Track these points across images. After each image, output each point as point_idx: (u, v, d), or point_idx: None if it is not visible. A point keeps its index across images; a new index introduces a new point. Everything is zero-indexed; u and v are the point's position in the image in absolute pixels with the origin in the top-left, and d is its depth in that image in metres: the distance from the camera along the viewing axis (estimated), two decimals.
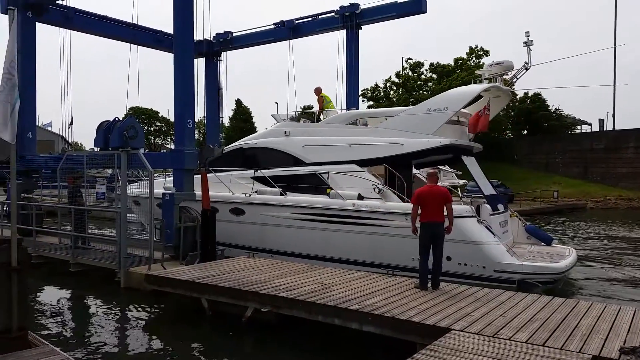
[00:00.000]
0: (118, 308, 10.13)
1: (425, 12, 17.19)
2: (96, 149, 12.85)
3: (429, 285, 8.67)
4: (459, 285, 9.03)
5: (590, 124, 58.69)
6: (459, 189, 15.34)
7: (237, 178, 14.05)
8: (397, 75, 59.39)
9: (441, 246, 8.81)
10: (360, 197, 12.25)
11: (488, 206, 11.72)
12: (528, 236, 13.14)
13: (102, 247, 12.41)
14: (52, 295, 11.14)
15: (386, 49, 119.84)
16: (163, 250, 11.51)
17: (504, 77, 13.21)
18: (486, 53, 56.14)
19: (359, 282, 9.13)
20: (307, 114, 16.15)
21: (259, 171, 13.69)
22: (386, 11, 17.90)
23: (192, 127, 12.85)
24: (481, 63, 55.88)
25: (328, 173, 12.83)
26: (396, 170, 12.51)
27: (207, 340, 8.20)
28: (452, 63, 54.70)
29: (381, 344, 7.33)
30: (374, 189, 12.13)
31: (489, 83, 13.09)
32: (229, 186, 13.78)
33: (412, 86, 56.69)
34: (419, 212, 8.76)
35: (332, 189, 12.61)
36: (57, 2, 16.61)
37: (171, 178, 13.32)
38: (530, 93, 55.58)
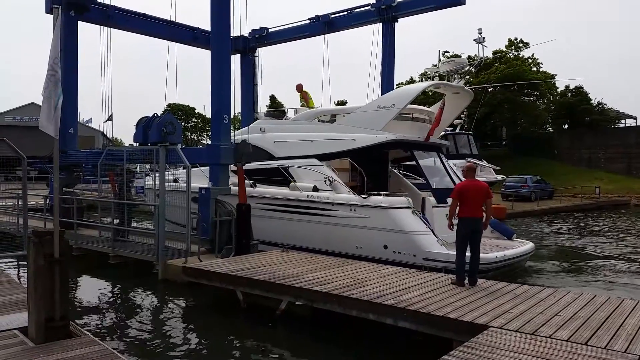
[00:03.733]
0: (155, 299, 10.36)
1: (464, 3, 16.78)
2: (135, 145, 13.12)
3: (466, 281, 8.51)
4: (497, 282, 8.86)
5: (635, 118, 56.54)
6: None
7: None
8: None
9: (479, 242, 8.65)
10: (315, 189, 13.01)
11: (432, 198, 12.60)
12: (492, 230, 13.26)
13: (139, 239, 12.69)
14: (91, 287, 11.46)
15: (422, 41, 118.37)
16: (199, 244, 11.68)
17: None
18: (526, 45, 54.67)
19: (394, 277, 9.05)
20: (278, 111, 17.50)
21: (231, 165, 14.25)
22: (424, 3, 17.53)
23: (228, 123, 12.99)
24: (521, 55, 54.57)
25: (288, 167, 13.74)
26: (366, 164, 13.13)
27: (242, 333, 8.28)
28: (491, 56, 53.52)
29: (416, 340, 7.24)
30: (325, 181, 12.91)
31: (439, 80, 14.00)
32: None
33: (449, 80, 55.77)
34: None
35: (294, 181, 13.46)
36: (98, 0, 16.99)
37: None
38: (572, 86, 53.97)
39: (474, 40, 13.70)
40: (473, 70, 14.09)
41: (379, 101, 13.69)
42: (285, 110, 16.74)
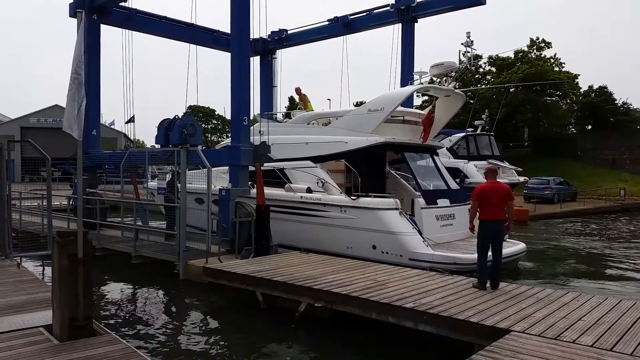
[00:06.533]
0: (177, 299, 10.45)
1: (485, 3, 16.66)
2: (157, 146, 13.27)
3: (488, 284, 8.41)
4: (520, 286, 8.76)
5: None
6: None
7: (221, 173, 14.87)
8: None
9: (501, 244, 8.55)
10: (309, 191, 13.31)
11: (421, 200, 12.60)
12: None
13: (158, 239, 12.85)
14: (114, 286, 11.61)
15: (442, 41, 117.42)
16: (220, 244, 11.75)
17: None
18: (548, 45, 53.88)
19: (414, 279, 8.99)
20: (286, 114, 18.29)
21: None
22: (443, 3, 17.47)
23: (247, 124, 13.08)
24: (542, 55, 53.79)
25: (284, 169, 13.99)
26: (364, 166, 13.26)
27: (262, 333, 8.30)
28: (512, 55, 52.88)
29: (436, 343, 7.18)
30: (317, 183, 13.17)
31: (429, 84, 14.35)
32: (215, 180, 14.20)
33: (469, 80, 55.16)
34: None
35: (290, 182, 13.82)
36: (120, 3, 17.24)
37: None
38: (596, 86, 53.04)
39: (462, 43, 13.82)
40: (465, 67, 14.15)
41: (369, 104, 13.89)
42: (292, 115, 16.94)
